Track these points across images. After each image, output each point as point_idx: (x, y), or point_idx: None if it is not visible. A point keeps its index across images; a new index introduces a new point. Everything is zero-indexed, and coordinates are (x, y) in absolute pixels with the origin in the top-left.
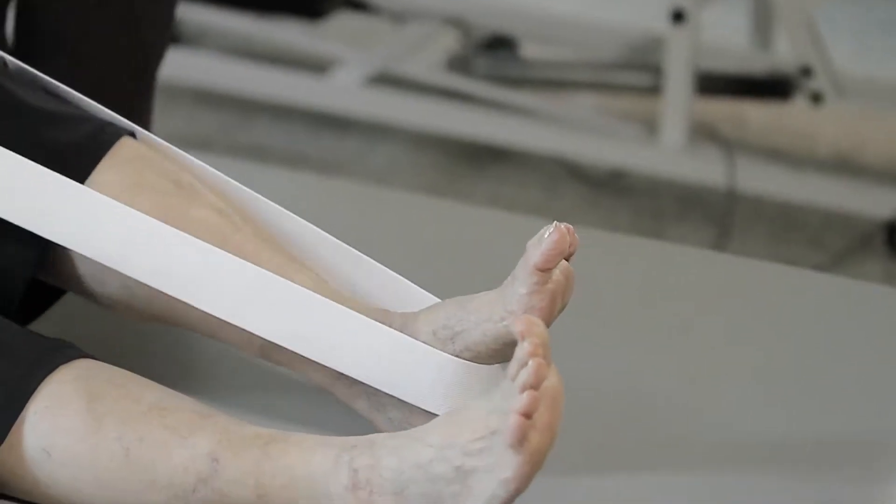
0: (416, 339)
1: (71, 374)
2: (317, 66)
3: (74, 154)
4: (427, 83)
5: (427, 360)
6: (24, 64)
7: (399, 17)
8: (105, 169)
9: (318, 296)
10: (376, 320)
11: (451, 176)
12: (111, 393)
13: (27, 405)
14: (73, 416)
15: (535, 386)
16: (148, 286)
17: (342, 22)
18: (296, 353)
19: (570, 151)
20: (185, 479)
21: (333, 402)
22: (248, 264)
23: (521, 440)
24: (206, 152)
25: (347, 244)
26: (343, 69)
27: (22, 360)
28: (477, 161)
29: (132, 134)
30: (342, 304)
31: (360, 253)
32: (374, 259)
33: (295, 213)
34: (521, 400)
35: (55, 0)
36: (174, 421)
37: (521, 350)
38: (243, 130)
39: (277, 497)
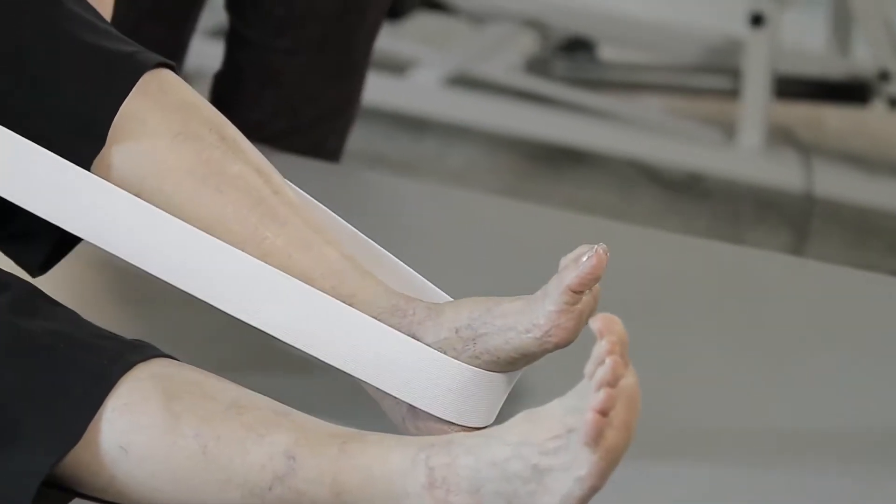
0: (437, 333)
1: (148, 371)
2: (395, 66)
3: (124, 61)
4: (505, 85)
5: (435, 365)
6: None
7: (478, 18)
8: (150, 108)
9: (332, 299)
10: (398, 306)
11: (527, 178)
12: (189, 391)
13: (105, 402)
14: (151, 414)
15: (611, 384)
16: None
17: (421, 22)
18: None
19: (648, 154)
20: (262, 477)
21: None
22: (255, 261)
23: (597, 438)
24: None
25: (422, 245)
26: (421, 70)
27: (100, 358)
28: (554, 163)
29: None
30: (367, 282)
31: (383, 249)
32: (448, 260)
33: (372, 214)
34: (598, 397)
35: None
36: (251, 419)
37: (599, 348)
38: None
39: (354, 495)
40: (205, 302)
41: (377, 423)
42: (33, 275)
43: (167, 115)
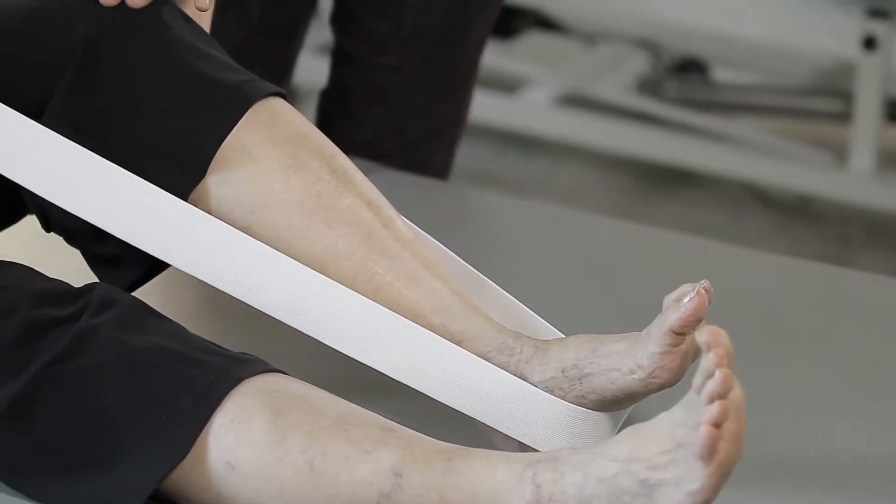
0: (543, 372)
1: (256, 387)
2: (507, 84)
3: (231, 92)
4: (616, 105)
5: (542, 405)
6: None
7: (590, 38)
8: (261, 141)
9: (442, 339)
10: (506, 344)
11: (637, 198)
12: (296, 406)
13: (212, 418)
14: (258, 429)
15: (722, 396)
16: None
17: (533, 41)
18: None
19: (758, 176)
20: (368, 494)
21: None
22: (367, 301)
23: (711, 451)
24: (390, 167)
25: (530, 264)
26: (533, 89)
27: (207, 373)
28: (664, 184)
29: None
30: (476, 318)
31: (492, 283)
32: (556, 281)
33: (480, 233)
34: (712, 410)
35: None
36: (358, 435)
37: (707, 361)
38: None
39: None
40: None
41: (482, 443)
42: None
43: (277, 146)
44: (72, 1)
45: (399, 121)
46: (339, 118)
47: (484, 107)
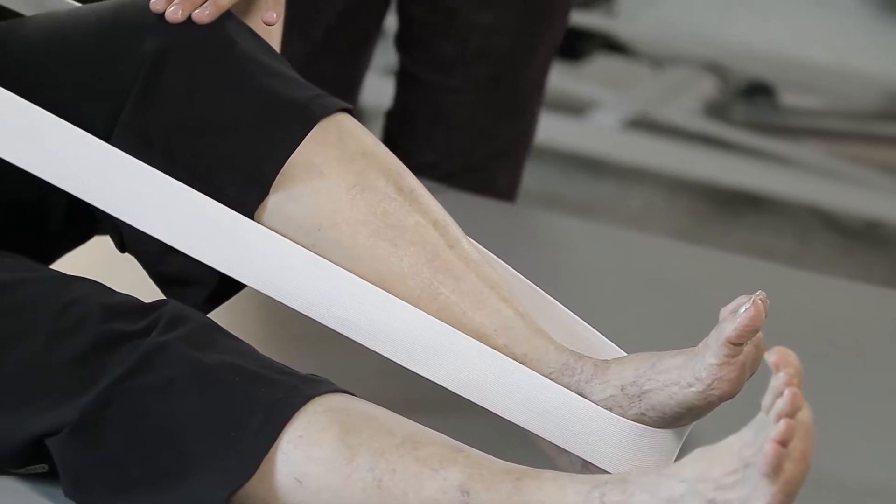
0: (604, 390)
1: (324, 405)
2: (575, 107)
3: (297, 108)
4: (684, 128)
5: (603, 423)
6: None
7: (658, 62)
8: (329, 159)
9: (506, 357)
10: (568, 364)
11: (705, 222)
12: (364, 424)
13: (281, 434)
14: (326, 447)
15: (790, 415)
16: None
17: (601, 64)
18: None
19: (825, 201)
20: None
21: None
22: (432, 319)
23: (776, 469)
24: (456, 188)
25: (596, 287)
26: (600, 111)
27: (276, 391)
28: (731, 208)
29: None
30: (538, 340)
31: (557, 302)
32: (622, 303)
33: (546, 255)
34: (778, 428)
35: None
36: (426, 454)
37: (777, 380)
38: None
39: None
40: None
41: (546, 464)
42: None
43: (344, 164)
44: (140, 16)
45: (464, 142)
46: (404, 139)
47: (551, 129)
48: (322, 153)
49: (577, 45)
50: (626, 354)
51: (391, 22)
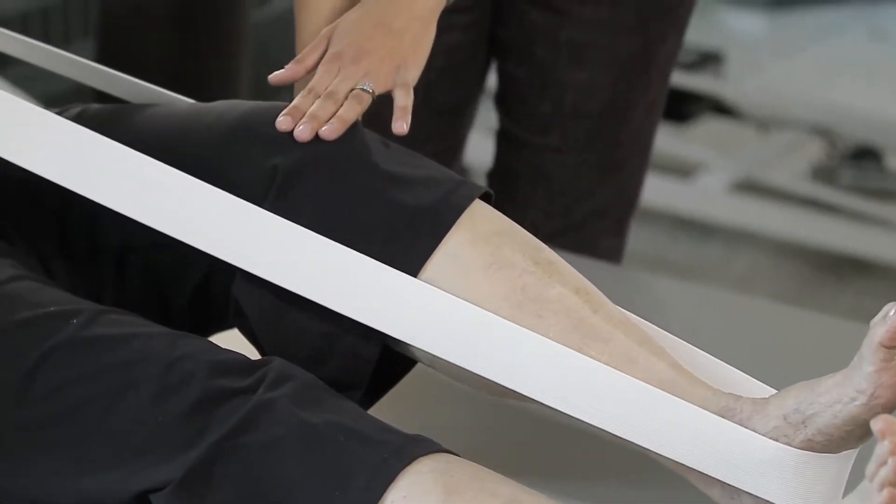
0: (766, 423)
1: (429, 465)
2: (681, 169)
3: (425, 218)
4: (791, 192)
5: (768, 453)
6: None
7: (765, 125)
8: (462, 242)
9: (668, 394)
10: (728, 406)
11: (811, 286)
12: (469, 486)
13: (385, 494)
14: None
15: (894, 483)
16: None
17: (708, 126)
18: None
19: None
20: None
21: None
22: (591, 360)
23: None
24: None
25: (705, 349)
26: (707, 174)
27: (381, 451)
28: (838, 272)
29: (487, 194)
30: (696, 389)
31: (703, 352)
32: (731, 365)
33: (654, 317)
34: (881, 497)
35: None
36: None
37: (881, 448)
38: None
39: None
40: (482, 398)
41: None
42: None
43: (478, 246)
44: (268, 127)
45: (563, 201)
46: (504, 199)
47: (658, 191)
48: (456, 237)
49: (685, 108)
50: (775, 392)
51: (492, 82)
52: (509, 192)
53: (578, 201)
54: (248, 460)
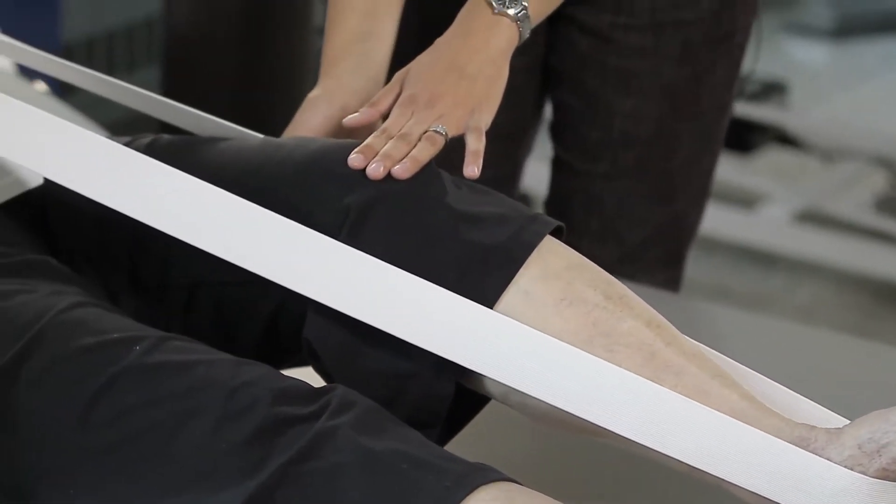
0: (841, 453)
1: (492, 494)
2: (744, 200)
3: (497, 255)
4: (855, 223)
5: (844, 482)
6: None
7: (828, 155)
8: (533, 278)
9: (736, 421)
10: (802, 436)
11: (875, 317)
12: None
13: None
14: None
15: None
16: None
17: (771, 157)
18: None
19: None
20: None
21: None
22: (664, 389)
23: None
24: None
25: (771, 380)
26: (771, 204)
27: (444, 479)
28: None
29: (559, 228)
30: (769, 419)
31: (778, 384)
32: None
33: (717, 347)
34: None
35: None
36: None
37: None
38: None
39: None
40: (546, 427)
41: None
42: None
43: (548, 282)
44: (341, 165)
45: (616, 228)
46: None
47: (721, 221)
48: (526, 274)
49: (748, 138)
50: (848, 422)
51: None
52: (564, 220)
53: (631, 229)
54: (310, 488)
